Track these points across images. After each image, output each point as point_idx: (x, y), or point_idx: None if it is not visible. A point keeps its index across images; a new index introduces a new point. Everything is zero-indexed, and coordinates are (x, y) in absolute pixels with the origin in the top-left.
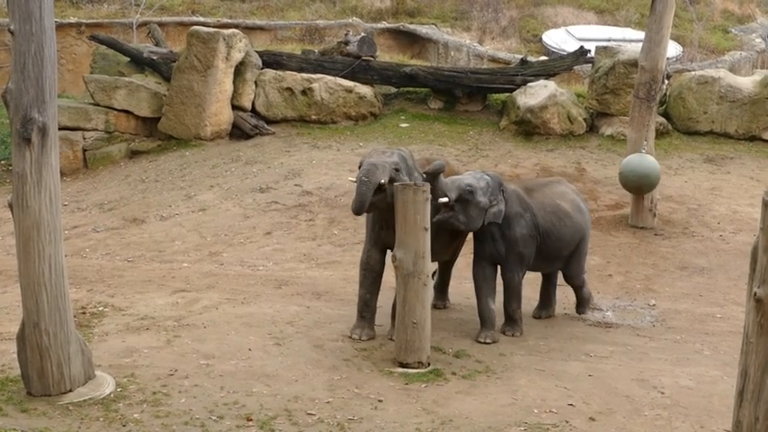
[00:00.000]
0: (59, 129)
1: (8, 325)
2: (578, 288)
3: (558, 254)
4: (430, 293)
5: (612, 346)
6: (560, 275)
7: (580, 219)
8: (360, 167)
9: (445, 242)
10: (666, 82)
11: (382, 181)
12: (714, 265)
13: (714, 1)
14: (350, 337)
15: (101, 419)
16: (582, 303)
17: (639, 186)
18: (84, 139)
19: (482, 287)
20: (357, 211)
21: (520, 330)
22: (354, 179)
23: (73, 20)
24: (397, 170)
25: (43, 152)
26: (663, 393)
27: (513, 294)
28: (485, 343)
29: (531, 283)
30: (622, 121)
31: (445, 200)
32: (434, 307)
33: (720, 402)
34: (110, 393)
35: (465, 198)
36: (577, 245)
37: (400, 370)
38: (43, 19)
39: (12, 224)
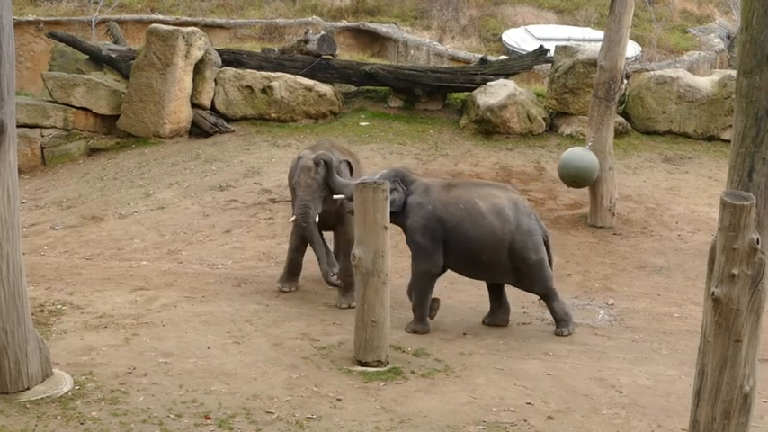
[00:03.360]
0: (18, 126)
1: None
2: (547, 302)
3: (477, 258)
4: (389, 292)
5: (571, 345)
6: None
7: (496, 223)
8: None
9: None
10: (625, 82)
11: None
12: (672, 264)
13: (673, 1)
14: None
15: (58, 417)
16: (557, 321)
17: (575, 180)
18: (43, 136)
19: None
20: None
21: (413, 327)
22: None
23: (31, 17)
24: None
25: (1, 150)
26: (621, 392)
27: (411, 286)
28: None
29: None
30: (582, 121)
31: (341, 197)
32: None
33: (678, 401)
34: (67, 391)
35: None
36: (507, 255)
37: (359, 368)
38: (1, 16)
39: None
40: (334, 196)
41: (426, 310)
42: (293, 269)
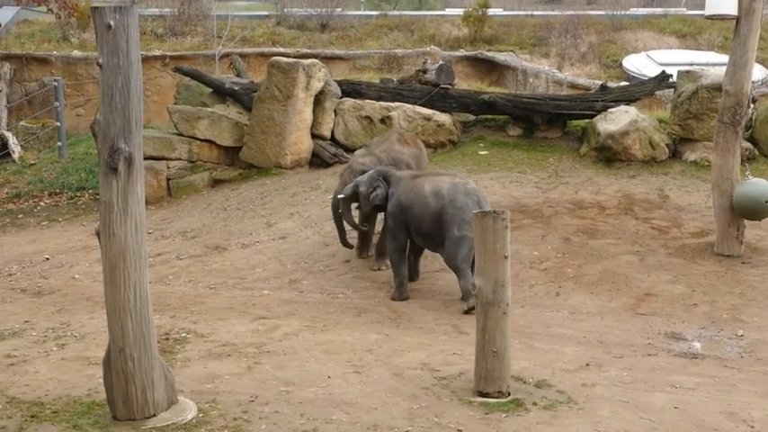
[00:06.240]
0: (145, 158)
1: (95, 350)
2: (457, 274)
3: (421, 229)
4: (510, 322)
5: (699, 378)
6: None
7: (432, 200)
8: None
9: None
10: (752, 106)
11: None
12: None
13: None
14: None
15: None
16: (463, 293)
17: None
18: (168, 168)
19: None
20: None
21: (393, 296)
22: None
23: (158, 52)
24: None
25: (129, 181)
26: (752, 427)
27: (390, 261)
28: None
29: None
30: (706, 147)
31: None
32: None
33: None
34: (192, 419)
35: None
36: (441, 227)
37: (480, 399)
38: (130, 52)
39: (99, 252)
40: (339, 195)
41: (404, 279)
42: (364, 240)
